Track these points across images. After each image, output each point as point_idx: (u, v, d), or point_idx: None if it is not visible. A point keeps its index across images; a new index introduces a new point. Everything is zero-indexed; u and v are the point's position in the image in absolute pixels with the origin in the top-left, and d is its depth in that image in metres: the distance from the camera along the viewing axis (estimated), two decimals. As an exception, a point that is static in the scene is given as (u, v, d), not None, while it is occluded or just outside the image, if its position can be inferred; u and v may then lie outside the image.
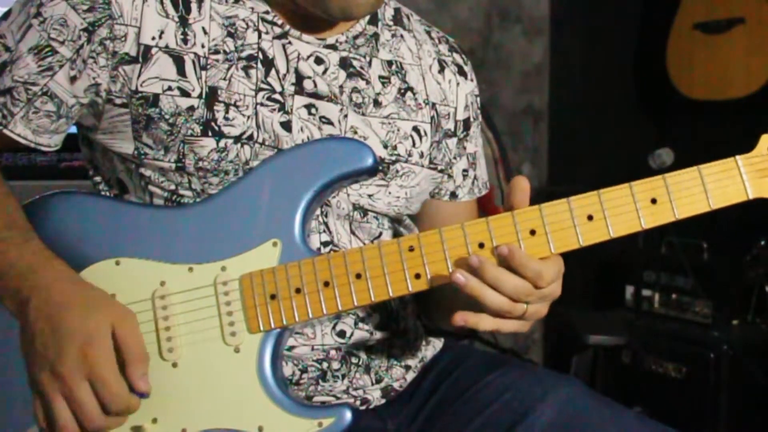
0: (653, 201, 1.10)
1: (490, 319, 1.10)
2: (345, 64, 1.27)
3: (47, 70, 1.18)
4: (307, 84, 1.24)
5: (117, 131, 1.21)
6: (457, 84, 1.39)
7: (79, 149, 1.33)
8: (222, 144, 1.19)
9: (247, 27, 1.23)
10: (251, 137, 1.20)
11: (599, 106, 3.62)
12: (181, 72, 1.19)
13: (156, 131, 1.19)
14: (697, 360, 2.74)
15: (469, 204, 1.45)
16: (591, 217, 1.10)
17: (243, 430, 1.13)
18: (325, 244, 1.25)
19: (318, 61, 1.25)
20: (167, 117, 1.18)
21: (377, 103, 1.29)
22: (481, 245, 1.11)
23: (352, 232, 1.28)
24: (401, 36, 1.35)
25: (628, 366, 2.92)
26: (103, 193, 1.29)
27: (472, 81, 1.42)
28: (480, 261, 1.08)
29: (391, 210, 1.31)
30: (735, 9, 2.99)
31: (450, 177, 1.41)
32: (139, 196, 1.24)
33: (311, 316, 1.13)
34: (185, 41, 1.19)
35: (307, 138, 1.23)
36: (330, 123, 1.25)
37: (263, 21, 1.24)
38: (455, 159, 1.40)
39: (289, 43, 1.24)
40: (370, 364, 1.30)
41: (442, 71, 1.38)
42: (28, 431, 1.15)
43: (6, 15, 1.22)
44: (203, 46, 1.20)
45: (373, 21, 1.32)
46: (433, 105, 1.35)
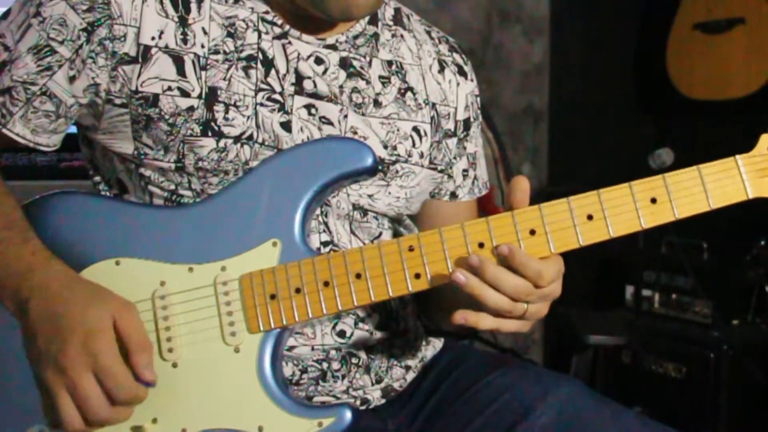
0: (653, 201, 1.10)
1: (490, 318, 1.10)
2: (345, 64, 1.27)
3: (46, 69, 1.18)
4: (307, 84, 1.24)
5: (116, 131, 1.21)
6: (458, 84, 1.39)
7: (79, 149, 1.33)
8: (222, 144, 1.19)
9: (247, 27, 1.22)
10: (251, 137, 1.20)
11: (599, 106, 3.62)
12: (181, 72, 1.18)
13: (155, 131, 1.19)
14: (697, 360, 2.74)
15: (470, 204, 1.45)
16: (591, 217, 1.10)
17: (243, 430, 1.12)
18: (325, 243, 1.25)
19: (318, 61, 1.25)
20: (167, 117, 1.18)
21: (377, 104, 1.29)
22: (481, 245, 1.10)
23: (352, 232, 1.28)
24: (401, 36, 1.35)
25: (628, 366, 2.92)
26: (103, 193, 1.29)
27: (472, 81, 1.41)
28: (480, 260, 1.08)
29: (391, 210, 1.31)
30: (735, 9, 2.99)
31: (450, 177, 1.40)
32: (139, 196, 1.24)
33: (311, 316, 1.13)
34: (185, 41, 1.19)
35: (307, 138, 1.23)
36: (330, 123, 1.25)
37: (263, 21, 1.24)
38: (455, 159, 1.40)
39: (289, 44, 1.24)
40: (370, 364, 1.29)
41: (442, 71, 1.37)
42: (28, 431, 1.15)
43: (5, 14, 1.22)
44: (203, 46, 1.20)
45: (373, 21, 1.32)
46: (433, 105, 1.35)
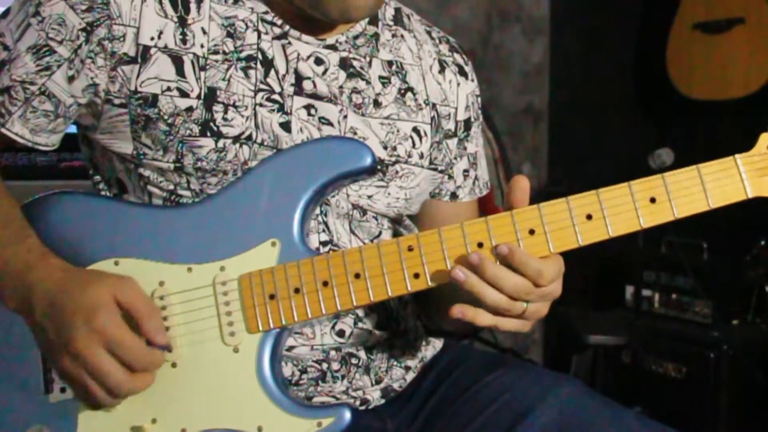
0: (652, 200, 1.10)
1: (488, 315, 1.10)
2: (345, 64, 1.27)
3: (45, 69, 1.18)
4: (307, 84, 1.24)
5: (116, 131, 1.21)
6: (458, 84, 1.38)
7: (79, 149, 1.33)
8: (221, 144, 1.19)
9: (247, 27, 1.22)
10: (250, 137, 1.20)
11: (599, 106, 3.62)
12: (180, 72, 1.18)
13: (154, 131, 1.19)
14: (697, 360, 2.74)
15: (470, 204, 1.45)
16: (590, 217, 1.10)
17: (242, 430, 1.12)
18: (325, 243, 1.25)
19: (318, 62, 1.25)
20: (166, 117, 1.18)
21: (377, 104, 1.29)
22: (480, 245, 1.10)
23: (351, 231, 1.28)
24: (402, 36, 1.35)
25: (628, 366, 2.92)
26: (103, 193, 1.29)
27: (472, 81, 1.41)
28: (480, 258, 1.08)
29: (391, 211, 1.31)
30: (735, 9, 2.99)
31: (450, 177, 1.40)
32: (138, 195, 1.24)
33: (310, 316, 1.13)
34: (184, 41, 1.19)
35: (307, 138, 1.22)
36: (329, 124, 1.25)
37: (263, 21, 1.23)
38: (456, 159, 1.39)
39: (289, 44, 1.24)
40: (369, 364, 1.29)
41: (442, 71, 1.37)
42: (27, 431, 1.15)
43: (5, 13, 1.22)
44: (202, 46, 1.20)
45: (374, 21, 1.32)
46: (434, 105, 1.35)
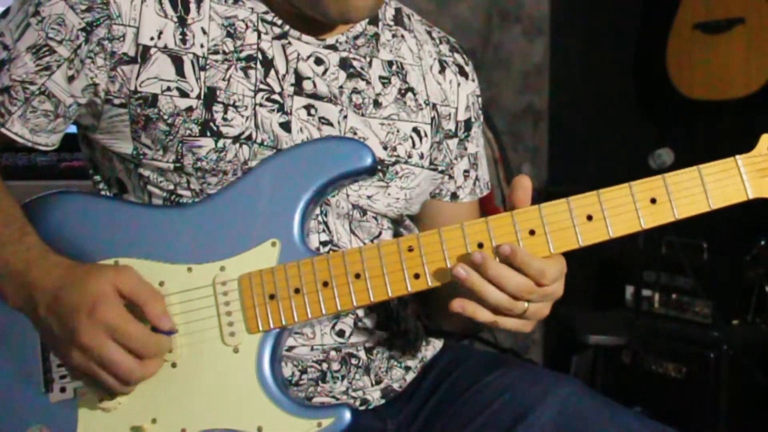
0: (653, 201, 1.10)
1: (488, 312, 1.10)
2: (345, 64, 1.27)
3: (45, 69, 1.17)
4: (307, 84, 1.24)
5: (116, 131, 1.21)
6: (458, 84, 1.38)
7: (79, 149, 1.33)
8: (220, 144, 1.18)
9: (247, 27, 1.22)
10: (250, 137, 1.20)
11: (599, 106, 3.62)
12: (180, 72, 1.18)
13: (154, 131, 1.19)
14: (697, 360, 2.74)
15: (471, 205, 1.45)
16: (590, 217, 1.10)
17: (242, 430, 1.12)
18: (325, 243, 1.25)
19: (318, 62, 1.25)
20: (166, 117, 1.18)
21: (377, 104, 1.29)
22: (481, 245, 1.10)
23: (351, 231, 1.28)
24: (402, 36, 1.35)
25: (628, 366, 2.92)
26: (103, 193, 1.29)
27: (473, 81, 1.41)
28: (483, 257, 1.08)
29: (391, 211, 1.31)
30: (735, 9, 2.99)
31: (451, 177, 1.40)
32: (138, 195, 1.24)
33: (310, 316, 1.13)
34: (184, 41, 1.19)
35: (306, 139, 1.22)
36: (329, 124, 1.25)
37: (263, 21, 1.23)
38: (456, 159, 1.39)
39: (289, 44, 1.24)
40: (369, 365, 1.29)
41: (442, 71, 1.37)
42: (28, 431, 1.15)
43: (5, 13, 1.22)
44: (202, 46, 1.20)
45: (374, 21, 1.32)
46: (434, 105, 1.35)
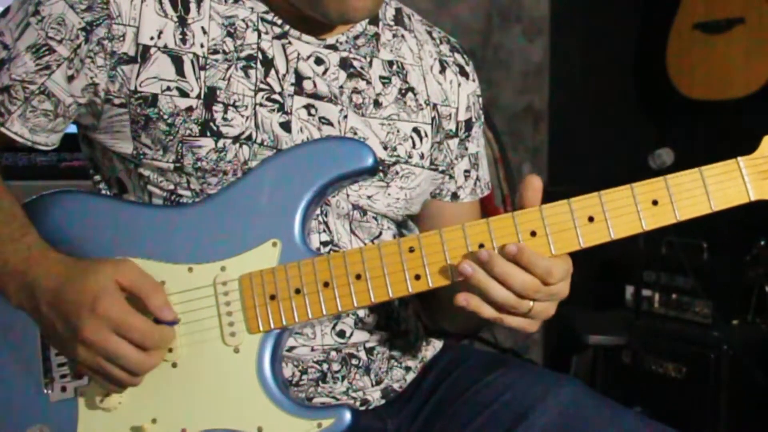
0: (654, 202, 1.09)
1: (492, 309, 1.10)
2: (345, 64, 1.27)
3: (45, 68, 1.17)
4: (307, 84, 1.24)
5: (116, 131, 1.21)
6: (459, 84, 1.38)
7: (80, 149, 1.33)
8: (220, 144, 1.18)
9: (247, 27, 1.22)
10: (250, 137, 1.19)
11: (599, 106, 3.61)
12: (180, 72, 1.18)
13: (154, 131, 1.18)
14: (697, 360, 2.74)
15: (473, 205, 1.45)
16: (592, 219, 1.09)
17: (242, 430, 1.12)
18: (325, 243, 1.24)
19: (318, 62, 1.25)
20: (166, 117, 1.18)
21: (377, 104, 1.28)
22: (481, 246, 1.10)
23: (352, 231, 1.28)
24: (402, 36, 1.35)
25: (628, 366, 2.92)
26: (103, 192, 1.29)
27: (474, 81, 1.41)
28: (490, 255, 1.08)
29: (391, 211, 1.31)
30: (735, 9, 2.99)
31: (451, 177, 1.40)
32: (138, 195, 1.24)
33: (311, 316, 1.13)
34: (184, 41, 1.19)
35: (307, 139, 1.22)
36: (329, 124, 1.24)
37: (263, 21, 1.23)
38: (456, 159, 1.39)
39: (289, 44, 1.24)
40: (370, 365, 1.29)
41: (443, 71, 1.37)
42: (27, 431, 1.15)
43: (5, 12, 1.22)
44: (202, 46, 1.20)
45: (374, 21, 1.32)
46: (434, 106, 1.35)
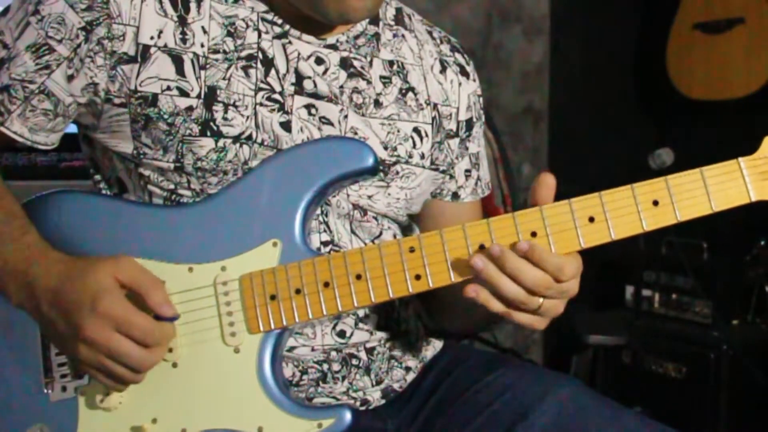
0: (655, 203, 1.09)
1: (501, 303, 1.10)
2: (345, 64, 1.27)
3: (44, 68, 1.17)
4: (307, 84, 1.24)
5: (116, 131, 1.21)
6: (459, 84, 1.38)
7: (80, 149, 1.33)
8: (221, 144, 1.18)
9: (247, 26, 1.22)
10: (250, 137, 1.19)
11: (599, 106, 3.61)
12: (180, 72, 1.18)
13: (154, 131, 1.18)
14: (697, 360, 2.74)
15: (473, 205, 1.44)
16: (592, 219, 1.10)
17: (242, 430, 1.12)
18: (326, 243, 1.24)
19: (318, 61, 1.25)
20: (166, 117, 1.18)
21: (378, 104, 1.28)
22: (482, 246, 1.10)
23: (352, 231, 1.28)
24: (403, 36, 1.35)
25: (628, 366, 2.91)
26: (103, 192, 1.29)
27: (474, 81, 1.41)
28: (501, 250, 1.07)
29: (391, 211, 1.31)
30: (735, 9, 2.98)
31: (452, 177, 1.40)
32: (139, 195, 1.24)
33: (311, 316, 1.13)
34: (184, 41, 1.19)
35: (307, 138, 1.22)
36: (330, 123, 1.24)
37: (263, 20, 1.23)
38: (457, 159, 1.39)
39: (289, 43, 1.24)
40: (370, 365, 1.29)
41: (443, 71, 1.37)
42: (27, 431, 1.15)
43: (5, 11, 1.22)
44: (202, 45, 1.20)
45: (375, 21, 1.32)
46: (435, 105, 1.34)
